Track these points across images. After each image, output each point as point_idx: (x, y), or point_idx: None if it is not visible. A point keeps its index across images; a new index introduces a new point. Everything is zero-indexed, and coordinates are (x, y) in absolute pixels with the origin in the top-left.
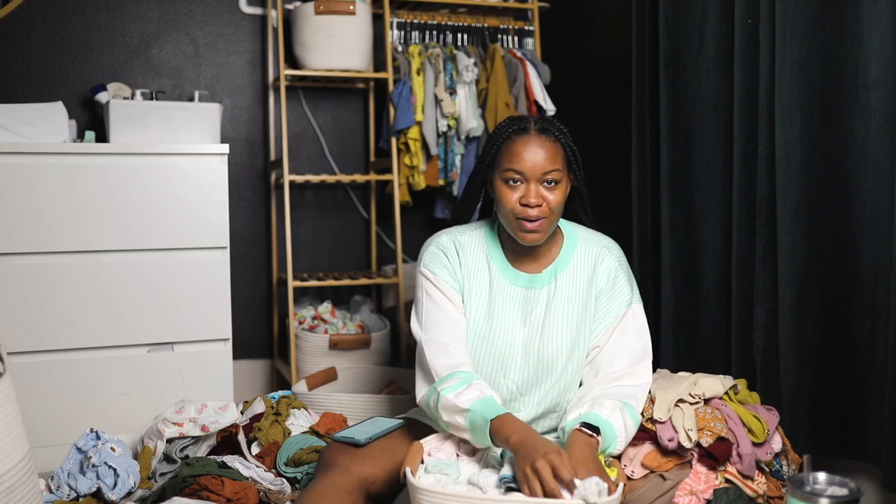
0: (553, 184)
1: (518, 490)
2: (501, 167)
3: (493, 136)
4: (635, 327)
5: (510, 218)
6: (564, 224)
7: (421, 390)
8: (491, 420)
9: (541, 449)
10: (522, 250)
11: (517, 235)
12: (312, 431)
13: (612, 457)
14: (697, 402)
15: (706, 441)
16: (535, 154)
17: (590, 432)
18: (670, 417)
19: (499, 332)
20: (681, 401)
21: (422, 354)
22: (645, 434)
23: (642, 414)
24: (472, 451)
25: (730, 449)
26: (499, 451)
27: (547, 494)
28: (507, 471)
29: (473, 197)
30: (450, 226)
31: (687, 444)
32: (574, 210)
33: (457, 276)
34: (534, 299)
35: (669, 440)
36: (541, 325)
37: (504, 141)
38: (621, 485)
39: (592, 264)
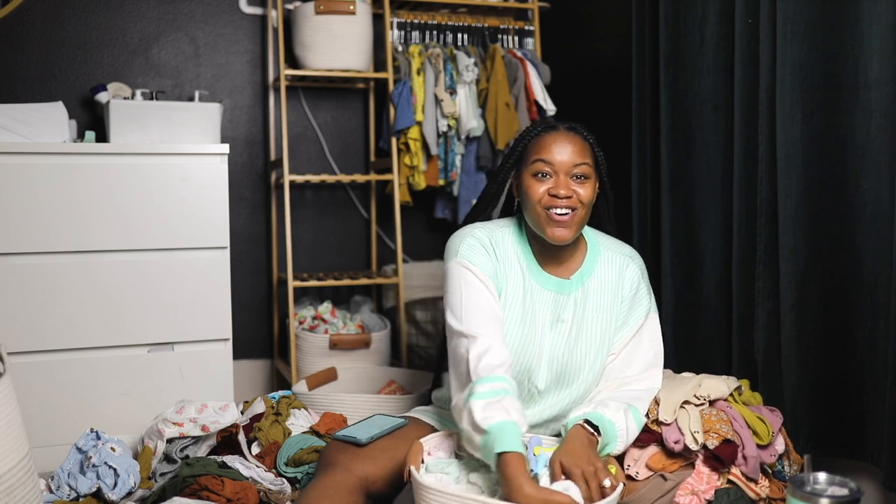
0: (583, 178)
1: None
2: (529, 161)
3: (519, 137)
4: (650, 336)
5: (538, 211)
6: (586, 231)
7: (456, 393)
8: (498, 454)
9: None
10: (549, 253)
11: (545, 231)
12: (312, 431)
13: (613, 457)
14: (703, 404)
15: (712, 443)
16: (564, 147)
17: (590, 429)
18: (676, 419)
19: (530, 336)
20: (686, 402)
21: (457, 350)
22: (650, 436)
23: (647, 415)
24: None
25: (735, 451)
26: None
27: None
28: None
29: (492, 198)
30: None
31: (693, 446)
32: (598, 214)
33: (497, 272)
34: (562, 305)
35: (675, 442)
36: (568, 332)
37: (533, 138)
38: (620, 485)
39: (618, 273)
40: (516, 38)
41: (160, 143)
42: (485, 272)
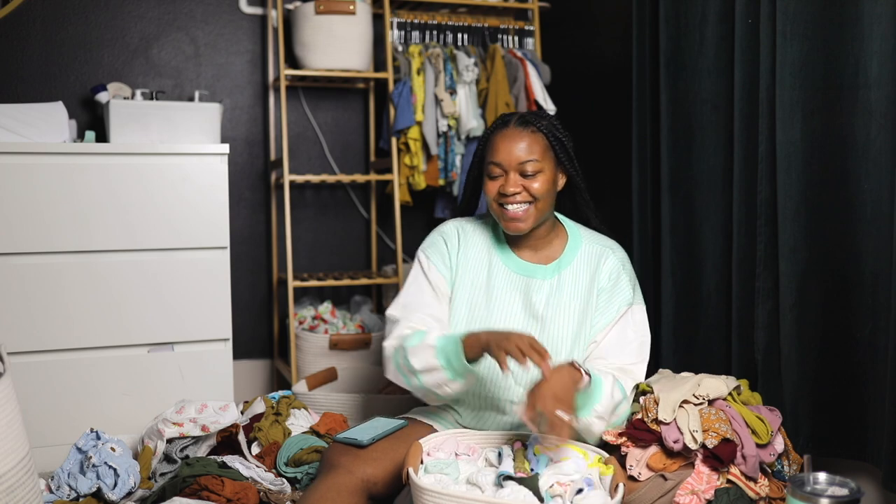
0: (533, 174)
1: (514, 479)
2: (486, 161)
3: (482, 135)
4: (634, 327)
5: (495, 208)
6: (569, 224)
7: (388, 364)
8: (461, 340)
9: (514, 333)
10: (522, 241)
11: (502, 224)
12: (312, 431)
13: (609, 452)
14: (702, 403)
15: (711, 442)
16: (512, 145)
17: (580, 368)
18: (675, 419)
19: (497, 316)
20: (685, 402)
21: (389, 332)
22: (650, 435)
23: (647, 415)
24: (472, 451)
25: (734, 450)
26: (497, 450)
27: (514, 356)
28: (505, 468)
29: (470, 196)
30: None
31: (692, 446)
32: (577, 204)
33: (450, 264)
34: (535, 289)
35: (675, 441)
36: (543, 315)
37: (488, 137)
38: (621, 485)
39: (596, 262)
40: (516, 38)
41: (160, 143)
42: (434, 265)
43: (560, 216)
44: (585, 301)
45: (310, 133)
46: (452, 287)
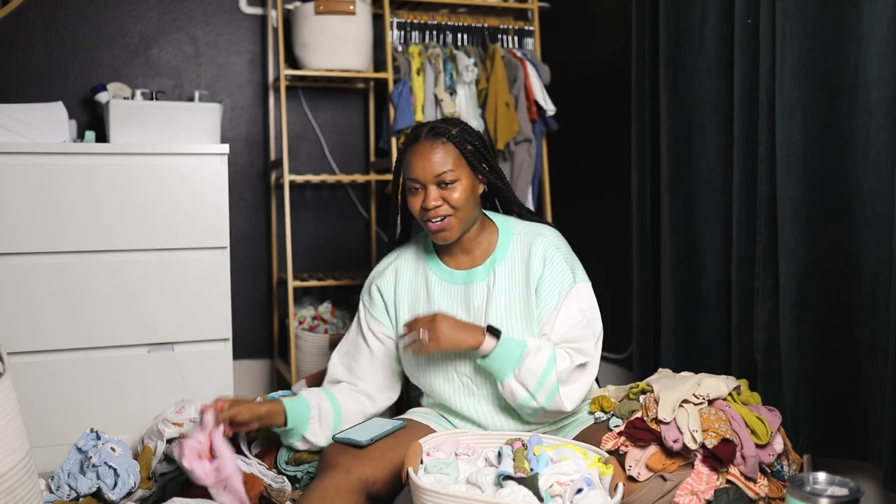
0: (449, 184)
1: (514, 479)
2: (405, 178)
3: (399, 151)
4: (579, 306)
5: (421, 222)
6: (499, 219)
7: None
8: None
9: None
10: (453, 249)
11: (433, 237)
12: None
13: (609, 453)
14: (701, 403)
15: (710, 442)
16: (425, 160)
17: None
18: (675, 418)
19: None
20: (685, 401)
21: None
22: (650, 435)
23: (646, 414)
24: (472, 451)
25: (734, 450)
26: (497, 449)
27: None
28: (505, 467)
29: (402, 210)
30: (390, 248)
31: (692, 445)
32: (501, 202)
33: (388, 304)
34: (473, 293)
35: (674, 441)
36: (483, 314)
37: (403, 153)
38: (620, 485)
39: (527, 250)
40: (516, 38)
41: (160, 143)
42: (371, 313)
43: (489, 213)
44: (525, 292)
45: (310, 133)
46: (395, 321)
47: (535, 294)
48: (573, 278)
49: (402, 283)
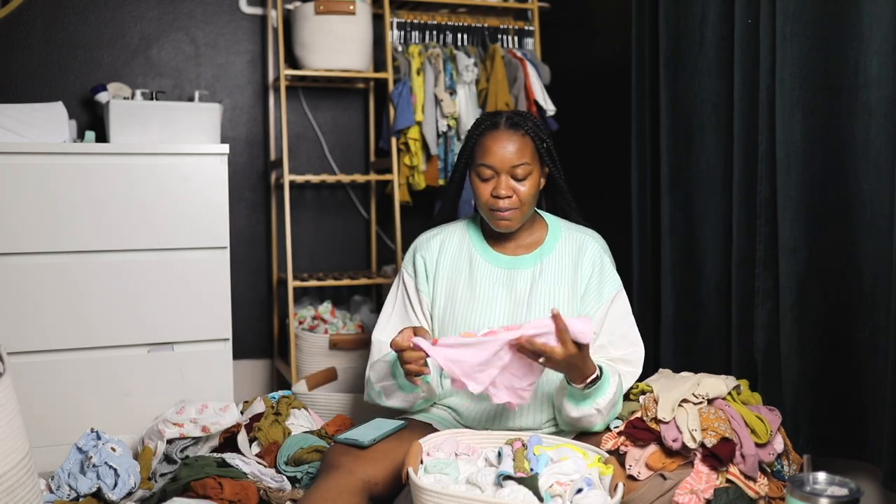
0: (522, 177)
1: (514, 479)
2: (475, 162)
3: (468, 134)
4: (624, 313)
5: (485, 209)
6: (549, 217)
7: (365, 388)
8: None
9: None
10: (503, 236)
11: (492, 224)
12: (322, 433)
13: (609, 452)
14: (701, 403)
15: (710, 441)
16: (503, 149)
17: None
18: (674, 418)
19: (480, 307)
20: (685, 401)
21: (371, 356)
22: (649, 434)
23: (646, 414)
24: (472, 451)
25: (733, 449)
26: (497, 449)
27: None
28: (505, 467)
29: (454, 193)
30: (435, 225)
31: (691, 445)
32: (557, 202)
33: (428, 273)
34: (517, 278)
35: (674, 440)
36: (526, 300)
37: (477, 137)
38: (620, 485)
39: (577, 249)
40: (516, 38)
41: (160, 143)
42: (412, 282)
43: (538, 210)
44: (571, 286)
45: (310, 133)
46: (433, 294)
47: (582, 292)
48: (619, 285)
49: (444, 257)
